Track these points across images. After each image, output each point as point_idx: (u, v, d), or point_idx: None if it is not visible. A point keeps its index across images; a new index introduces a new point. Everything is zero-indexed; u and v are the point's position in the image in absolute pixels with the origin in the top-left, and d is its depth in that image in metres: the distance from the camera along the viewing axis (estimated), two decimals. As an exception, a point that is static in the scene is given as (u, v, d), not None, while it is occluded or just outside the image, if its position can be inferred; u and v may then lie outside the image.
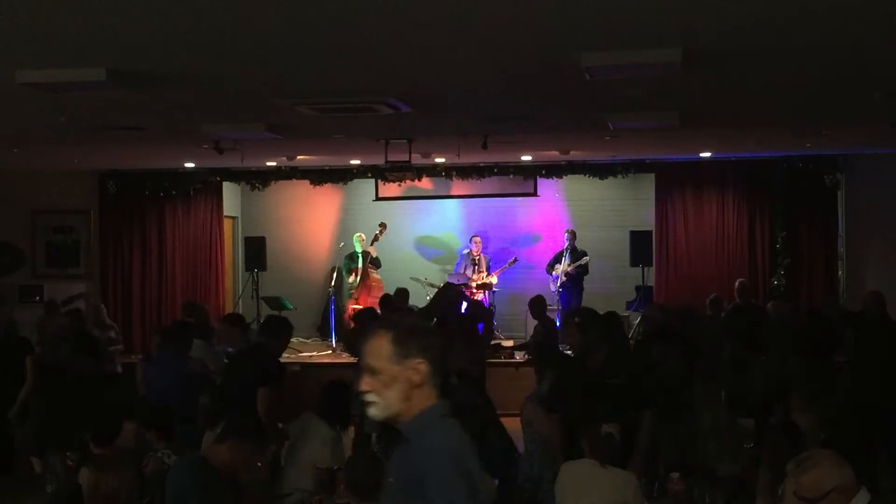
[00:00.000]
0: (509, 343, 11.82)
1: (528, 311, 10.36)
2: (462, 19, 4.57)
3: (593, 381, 6.23)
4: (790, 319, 9.09)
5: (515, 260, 13.10)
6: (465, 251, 13.32)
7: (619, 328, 8.24)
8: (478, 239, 13.22)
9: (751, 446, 5.75)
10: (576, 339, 6.44)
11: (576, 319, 6.51)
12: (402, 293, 10.91)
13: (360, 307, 12.88)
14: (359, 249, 13.17)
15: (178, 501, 4.61)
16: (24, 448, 7.84)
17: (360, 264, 13.08)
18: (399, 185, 12.71)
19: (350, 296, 13.13)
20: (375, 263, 13.19)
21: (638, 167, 13.01)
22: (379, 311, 10.01)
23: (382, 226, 13.21)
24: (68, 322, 9.57)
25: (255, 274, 13.48)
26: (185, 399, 6.38)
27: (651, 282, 12.96)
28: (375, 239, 13.15)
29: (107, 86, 5.77)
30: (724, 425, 5.97)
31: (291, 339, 11.62)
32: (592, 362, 6.27)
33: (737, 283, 11.29)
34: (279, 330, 6.87)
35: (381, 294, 12.16)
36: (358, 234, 13.31)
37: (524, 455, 6.01)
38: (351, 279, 13.09)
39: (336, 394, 6.08)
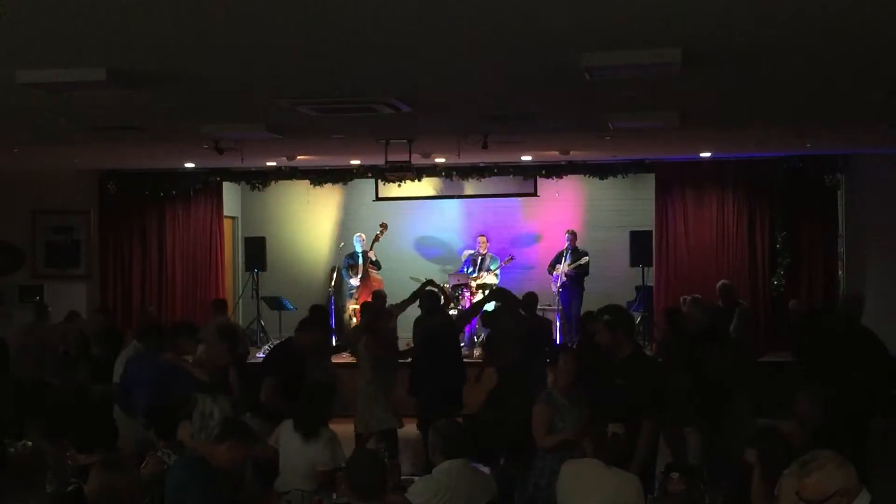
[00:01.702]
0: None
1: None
2: (462, 19, 4.57)
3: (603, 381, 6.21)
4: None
5: (511, 258, 13.11)
6: (472, 251, 13.32)
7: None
8: (483, 238, 13.23)
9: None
10: (605, 336, 6.38)
11: (605, 317, 6.43)
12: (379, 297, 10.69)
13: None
14: (359, 249, 13.17)
15: (178, 501, 4.61)
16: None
17: (360, 264, 13.08)
18: (399, 185, 12.72)
19: (350, 296, 13.13)
20: (375, 265, 13.18)
21: (638, 167, 13.01)
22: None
23: (383, 226, 13.21)
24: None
25: (255, 274, 13.48)
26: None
27: (651, 282, 12.97)
28: (376, 239, 13.13)
29: (107, 86, 5.77)
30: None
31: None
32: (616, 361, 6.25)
33: (718, 285, 10.96)
34: (305, 324, 7.36)
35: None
36: (358, 234, 13.32)
37: (538, 457, 6.00)
38: (352, 280, 13.08)
39: (311, 397, 6.11)
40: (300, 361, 7.16)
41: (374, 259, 13.12)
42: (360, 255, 13.12)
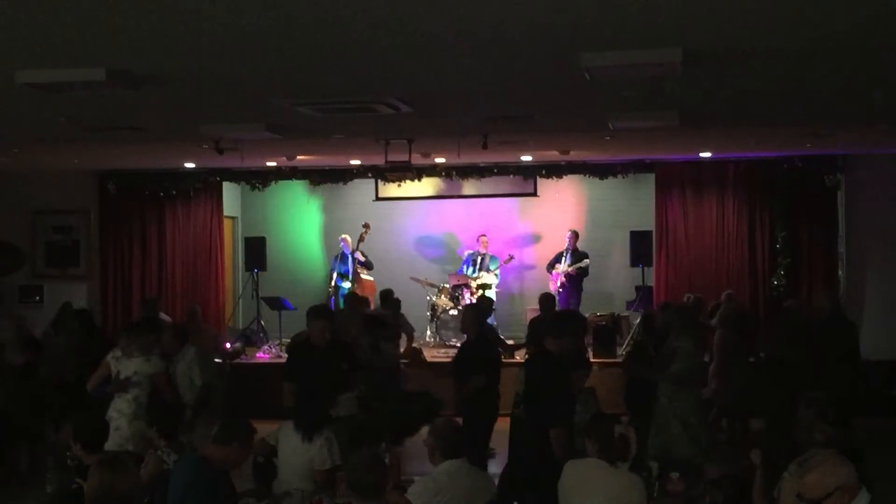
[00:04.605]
0: (510, 342, 11.76)
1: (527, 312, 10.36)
2: (462, 19, 4.57)
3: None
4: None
5: (511, 258, 13.11)
6: (471, 251, 13.31)
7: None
8: (485, 238, 13.23)
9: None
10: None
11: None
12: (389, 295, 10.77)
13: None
14: (347, 252, 13.15)
15: (179, 501, 4.62)
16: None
17: (349, 266, 13.05)
18: (399, 185, 12.70)
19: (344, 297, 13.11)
20: (367, 266, 13.16)
21: (638, 167, 13.01)
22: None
23: (366, 226, 13.15)
24: None
25: (255, 274, 13.47)
26: None
27: (651, 282, 12.96)
28: (361, 240, 13.11)
29: (107, 86, 5.78)
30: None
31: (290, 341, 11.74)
32: None
33: (723, 296, 11.03)
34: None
35: (374, 295, 12.11)
36: (343, 237, 13.29)
37: None
38: (344, 283, 13.05)
39: (309, 401, 6.10)
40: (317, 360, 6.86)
41: (362, 260, 13.10)
42: (348, 256, 13.09)
